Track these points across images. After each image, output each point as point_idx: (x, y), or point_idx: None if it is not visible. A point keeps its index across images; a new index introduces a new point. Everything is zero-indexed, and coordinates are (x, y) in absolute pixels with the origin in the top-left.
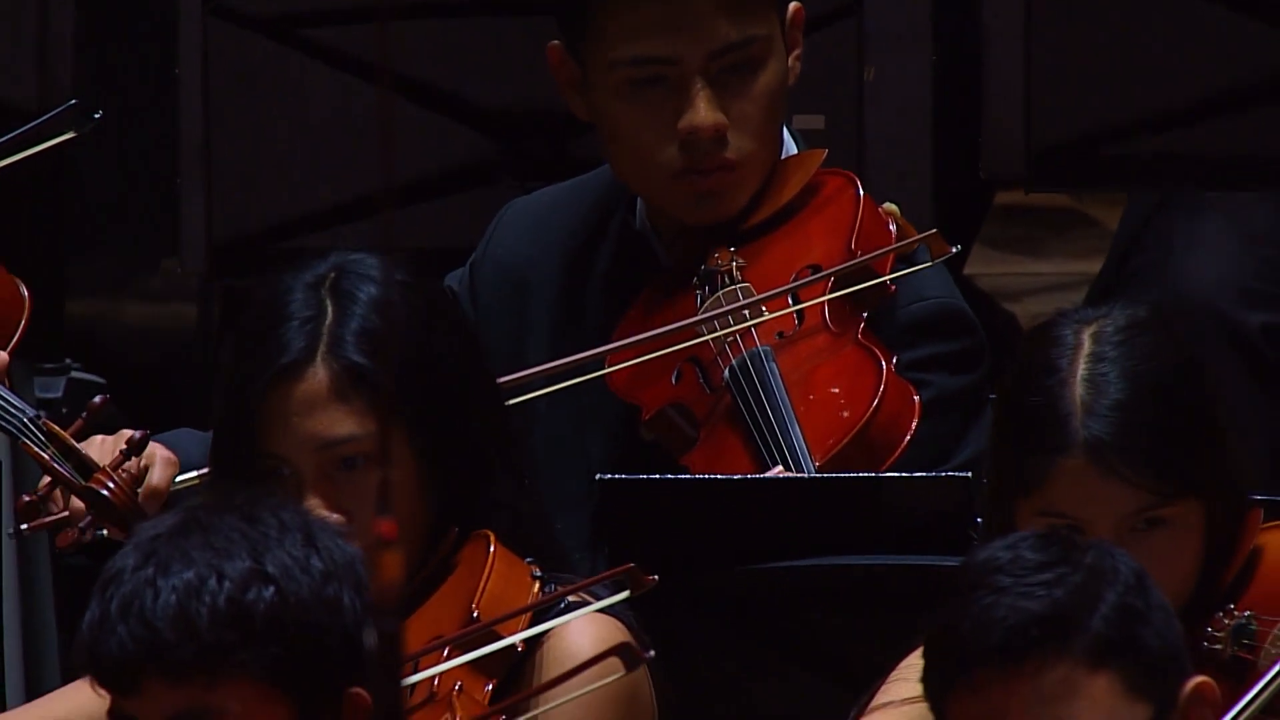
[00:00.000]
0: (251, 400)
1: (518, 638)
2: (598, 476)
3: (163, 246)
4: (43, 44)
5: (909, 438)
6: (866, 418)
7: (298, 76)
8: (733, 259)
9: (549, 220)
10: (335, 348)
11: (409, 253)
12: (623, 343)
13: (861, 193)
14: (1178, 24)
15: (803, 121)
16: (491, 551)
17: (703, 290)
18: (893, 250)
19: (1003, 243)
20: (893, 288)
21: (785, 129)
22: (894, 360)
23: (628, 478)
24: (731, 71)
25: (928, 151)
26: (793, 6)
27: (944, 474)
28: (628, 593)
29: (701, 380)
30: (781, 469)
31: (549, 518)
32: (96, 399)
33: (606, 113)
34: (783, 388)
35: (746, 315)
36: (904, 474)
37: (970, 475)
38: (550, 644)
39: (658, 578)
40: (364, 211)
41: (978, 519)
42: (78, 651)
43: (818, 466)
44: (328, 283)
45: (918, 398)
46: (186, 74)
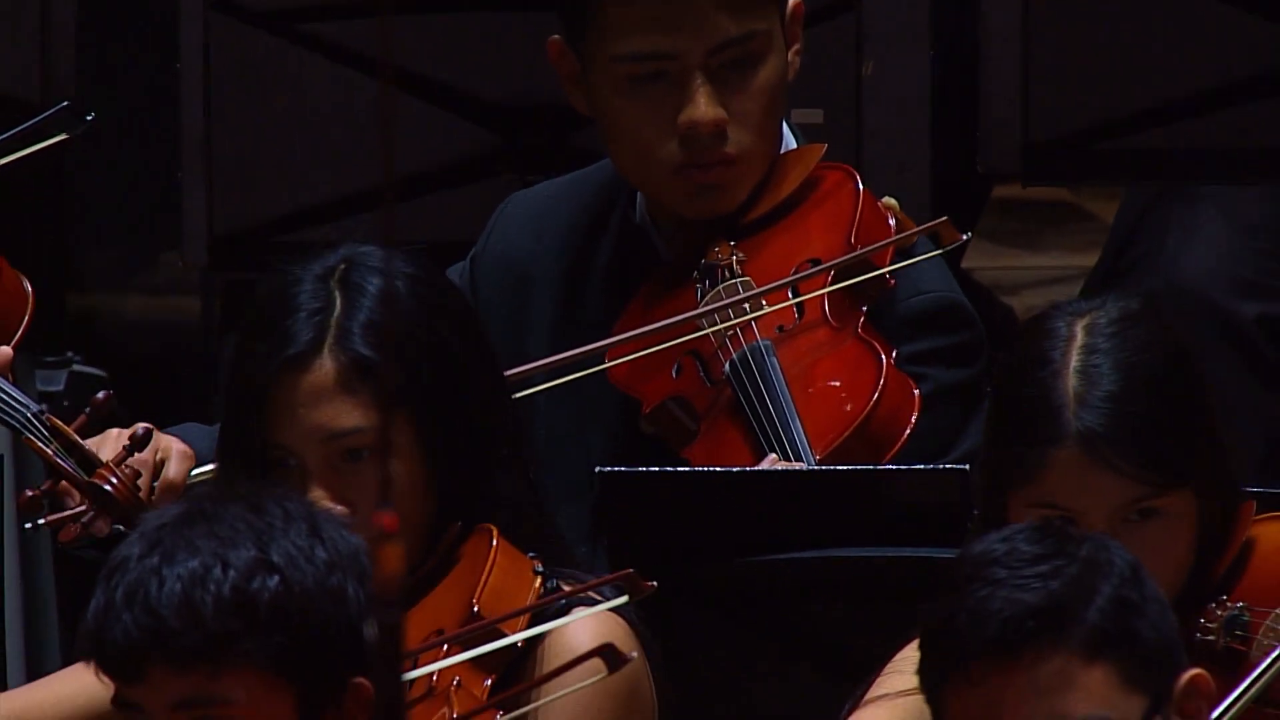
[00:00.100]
0: (258, 390)
1: (518, 637)
2: (597, 469)
3: (164, 240)
4: (44, 39)
5: (909, 431)
6: (867, 411)
7: (298, 71)
8: (733, 253)
9: (549, 214)
10: (343, 340)
11: (411, 246)
12: (623, 336)
13: (861, 187)
14: (1174, 19)
15: (801, 116)
16: (494, 545)
17: (703, 284)
18: (892, 243)
19: (1000, 236)
20: (892, 281)
21: (784, 124)
22: (894, 354)
23: (627, 470)
24: (731, 67)
25: (926, 146)
26: (792, 2)
27: (942, 466)
28: (626, 597)
29: (702, 374)
30: (776, 457)
31: (552, 512)
32: (100, 395)
33: (607, 107)
34: (783, 381)
35: (747, 309)
36: (902, 466)
37: (968, 468)
38: (551, 640)
39: (656, 583)
40: (365, 205)
41: (975, 511)
42: (82, 639)
43: (818, 460)
44: (337, 275)
45: (917, 391)
46: (188, 68)
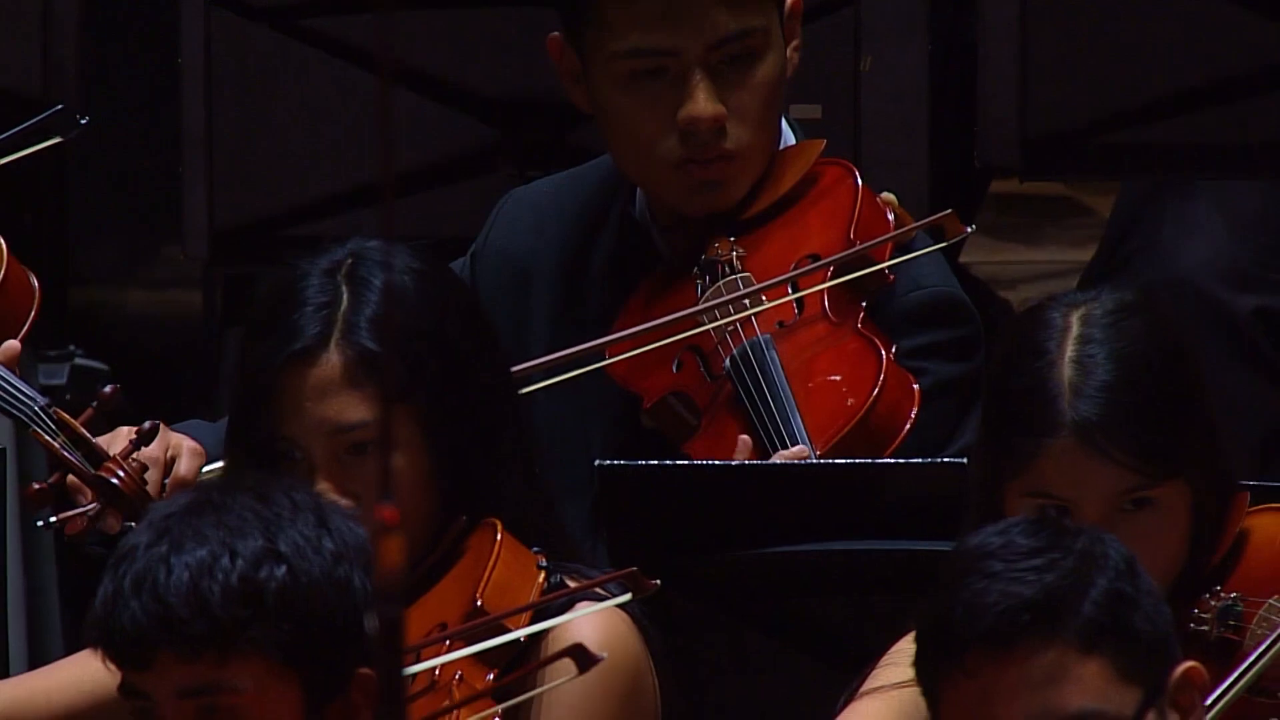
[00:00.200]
0: (265, 384)
1: (520, 633)
2: (596, 463)
3: (166, 234)
4: (46, 34)
5: (909, 426)
6: (867, 406)
7: (299, 66)
8: (732, 249)
9: (548, 210)
10: (349, 334)
11: (418, 241)
12: (624, 333)
13: (860, 182)
14: (1170, 14)
15: (800, 111)
16: (498, 540)
17: (703, 280)
18: (892, 238)
19: (998, 231)
20: (891, 276)
21: (783, 119)
22: (893, 349)
23: (626, 464)
24: (730, 63)
25: (924, 141)
26: None
27: (940, 460)
28: (629, 595)
29: (702, 369)
30: (749, 438)
31: (556, 506)
32: (107, 388)
33: (607, 104)
34: (784, 376)
35: (747, 304)
36: (900, 460)
37: (966, 461)
38: (555, 635)
39: (659, 581)
40: (365, 200)
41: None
42: (90, 627)
43: (819, 455)
44: (343, 269)
45: (917, 386)
46: (189, 63)
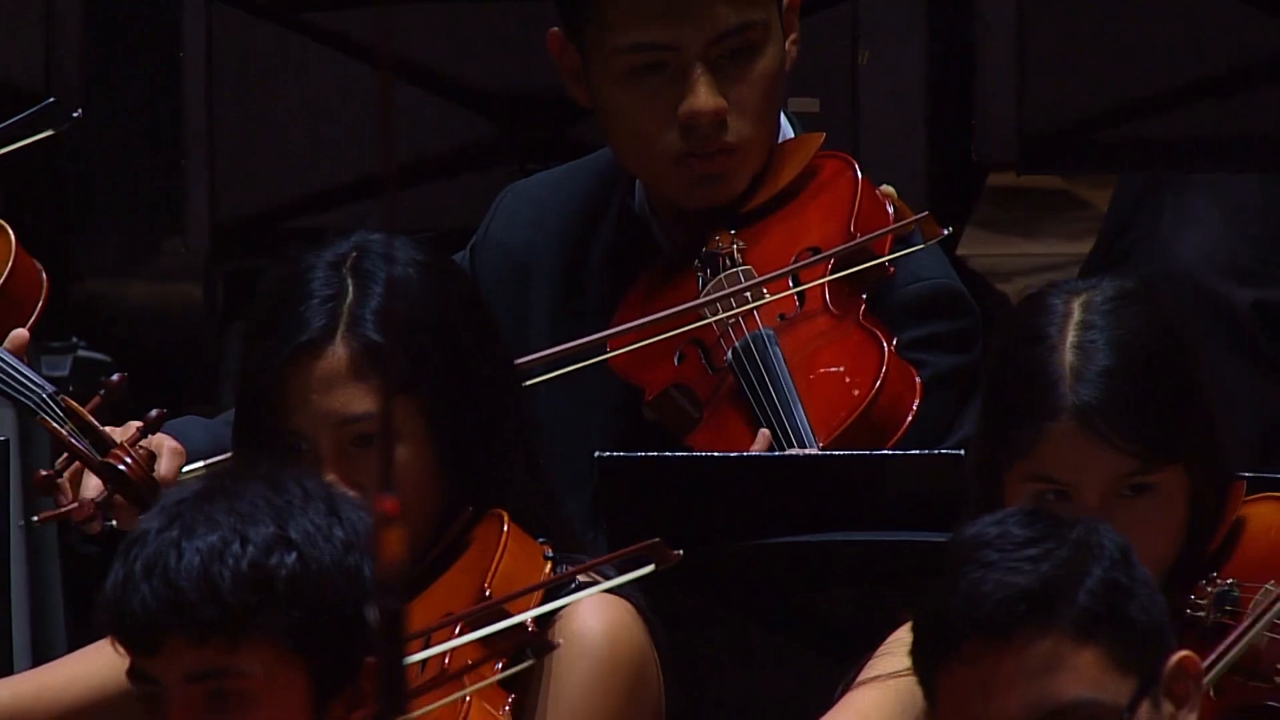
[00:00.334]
0: (271, 377)
1: (528, 615)
2: (596, 454)
3: (167, 227)
4: (49, 28)
5: (910, 418)
6: (869, 398)
7: (299, 59)
8: (733, 242)
9: (548, 204)
10: (355, 326)
11: (422, 234)
12: (626, 326)
13: (859, 175)
14: (1167, 9)
15: (798, 105)
16: (505, 530)
17: (704, 273)
18: (890, 231)
19: (995, 224)
20: (891, 269)
21: (781, 113)
22: (894, 341)
23: (626, 455)
24: (730, 57)
25: (921, 134)
26: None
27: (938, 452)
28: (652, 566)
29: (704, 361)
30: (768, 434)
31: (560, 498)
32: (114, 377)
33: (607, 99)
34: (786, 369)
35: (748, 297)
36: (898, 452)
37: (964, 453)
38: (560, 625)
39: (681, 552)
40: (366, 193)
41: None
42: (100, 611)
43: (822, 447)
44: (349, 262)
45: (919, 378)
46: (190, 57)
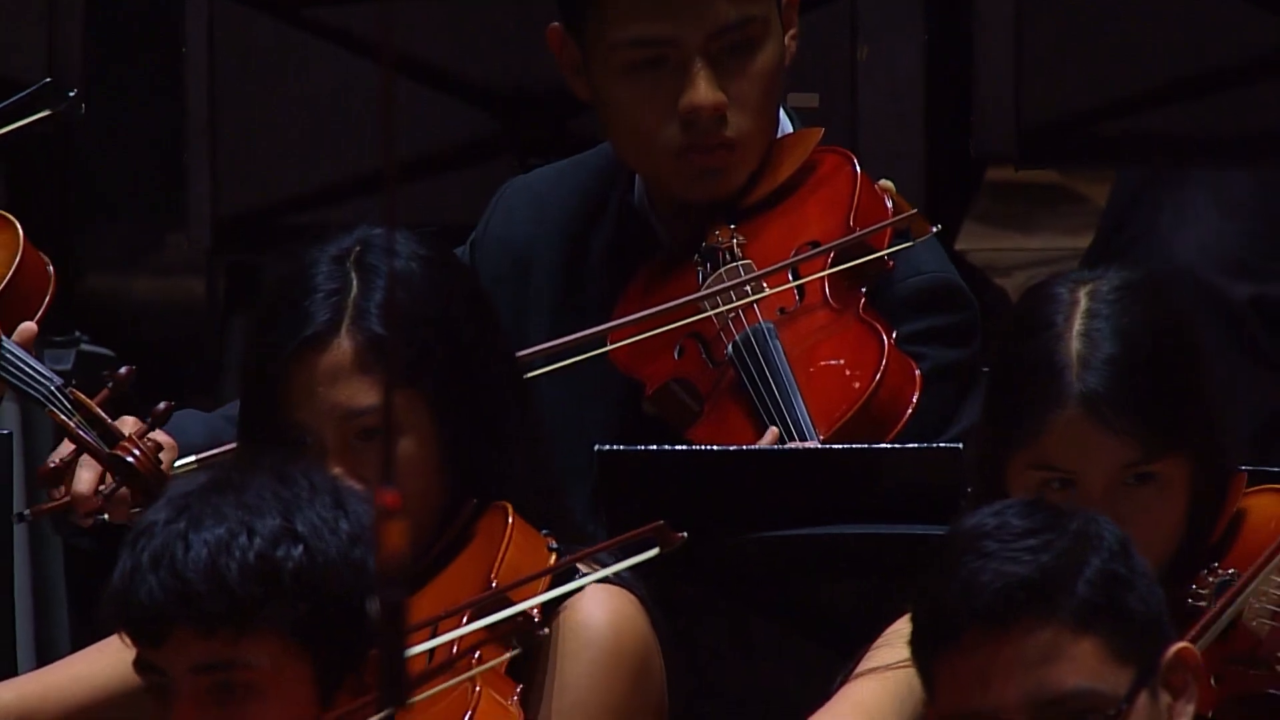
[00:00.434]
0: (276, 371)
1: (534, 601)
2: (595, 448)
3: (170, 221)
4: (52, 22)
5: (910, 411)
6: (869, 392)
7: (302, 55)
8: (733, 236)
9: (547, 199)
10: (360, 319)
11: (424, 228)
12: (626, 319)
13: (858, 170)
14: (1165, 4)
15: (797, 100)
16: (510, 523)
17: (704, 267)
18: (888, 225)
19: (993, 219)
20: (890, 263)
21: (781, 108)
22: (893, 334)
23: (625, 449)
24: (730, 52)
25: (920, 129)
26: None
27: (936, 445)
28: (657, 550)
29: (704, 355)
30: (777, 431)
31: (563, 491)
32: (122, 370)
33: (607, 94)
34: (786, 362)
35: (748, 291)
36: (896, 445)
37: (962, 447)
38: (565, 615)
39: (685, 534)
40: (367, 188)
41: (969, 490)
42: (107, 601)
43: (822, 440)
44: (352, 256)
45: (918, 371)
46: (193, 52)
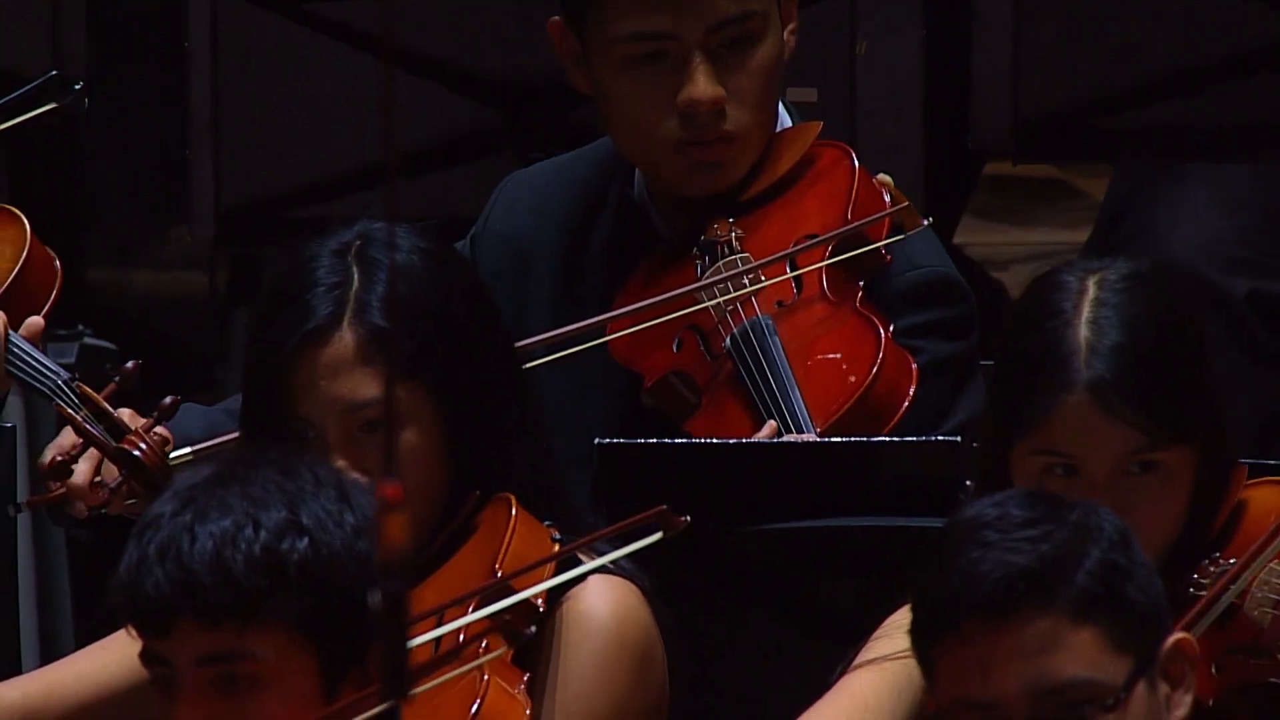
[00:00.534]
0: (278, 364)
1: (540, 588)
2: (595, 441)
3: (173, 215)
4: (55, 18)
5: (907, 404)
6: (866, 385)
7: (303, 49)
8: (731, 229)
9: (548, 192)
10: (361, 312)
11: (425, 221)
12: (624, 310)
13: (856, 164)
14: None
15: (796, 94)
16: (513, 514)
17: (702, 260)
18: (883, 216)
19: (991, 213)
20: (888, 256)
21: (779, 102)
22: (890, 328)
23: (625, 441)
24: (730, 46)
25: (918, 123)
26: None
27: (934, 439)
28: (660, 534)
29: (703, 348)
30: (775, 424)
31: (564, 483)
32: (129, 364)
33: (607, 88)
34: (784, 355)
35: (746, 284)
36: (894, 438)
37: (960, 440)
38: (568, 606)
39: (688, 518)
40: (369, 181)
41: (966, 483)
42: (113, 593)
43: (819, 433)
44: (353, 249)
45: (915, 365)
46: (196, 46)
